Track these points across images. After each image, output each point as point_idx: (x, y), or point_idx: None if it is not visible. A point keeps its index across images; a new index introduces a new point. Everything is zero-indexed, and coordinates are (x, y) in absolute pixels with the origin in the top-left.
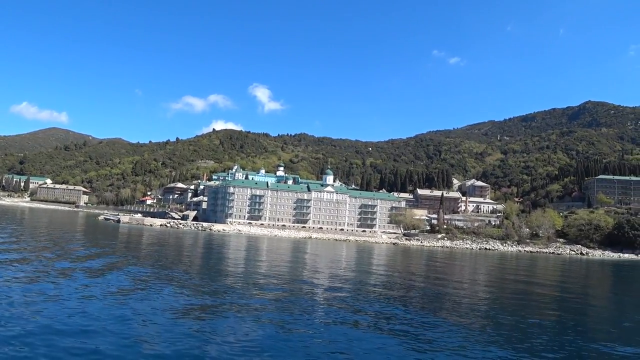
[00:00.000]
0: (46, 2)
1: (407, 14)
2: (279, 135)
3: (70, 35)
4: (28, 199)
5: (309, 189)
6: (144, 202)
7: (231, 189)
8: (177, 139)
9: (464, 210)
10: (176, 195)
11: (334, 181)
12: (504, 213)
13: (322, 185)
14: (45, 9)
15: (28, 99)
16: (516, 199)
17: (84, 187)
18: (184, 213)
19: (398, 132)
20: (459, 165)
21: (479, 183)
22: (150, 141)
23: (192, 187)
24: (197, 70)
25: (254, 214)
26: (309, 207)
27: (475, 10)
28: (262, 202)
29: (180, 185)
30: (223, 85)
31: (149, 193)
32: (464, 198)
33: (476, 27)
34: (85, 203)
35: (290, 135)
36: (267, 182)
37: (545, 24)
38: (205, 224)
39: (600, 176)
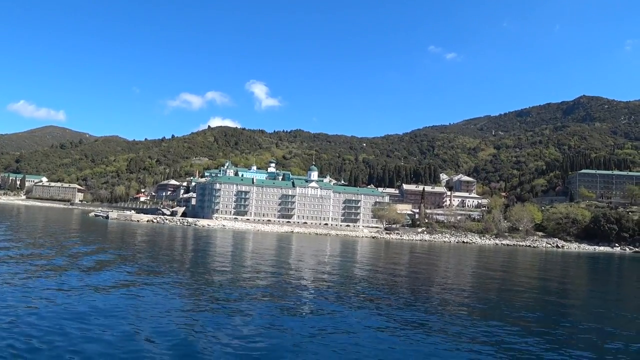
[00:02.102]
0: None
1: (404, 9)
2: (274, 131)
3: (67, 33)
4: (24, 197)
5: (293, 185)
6: (137, 199)
7: (217, 186)
8: (173, 136)
9: (449, 204)
10: (169, 192)
11: (325, 177)
12: (487, 207)
13: (306, 181)
14: (42, 6)
15: (25, 97)
16: (503, 194)
17: (79, 185)
18: (173, 209)
19: (394, 127)
20: (452, 161)
21: (466, 178)
22: (145, 138)
23: (185, 184)
24: (194, 68)
25: (240, 210)
26: (294, 202)
27: (472, 6)
28: (248, 198)
29: (173, 182)
30: (220, 82)
31: (142, 190)
32: (449, 193)
33: (472, 23)
34: (80, 201)
35: (286, 131)
36: (253, 179)
37: (541, 20)
38: (190, 219)
39: (583, 170)
